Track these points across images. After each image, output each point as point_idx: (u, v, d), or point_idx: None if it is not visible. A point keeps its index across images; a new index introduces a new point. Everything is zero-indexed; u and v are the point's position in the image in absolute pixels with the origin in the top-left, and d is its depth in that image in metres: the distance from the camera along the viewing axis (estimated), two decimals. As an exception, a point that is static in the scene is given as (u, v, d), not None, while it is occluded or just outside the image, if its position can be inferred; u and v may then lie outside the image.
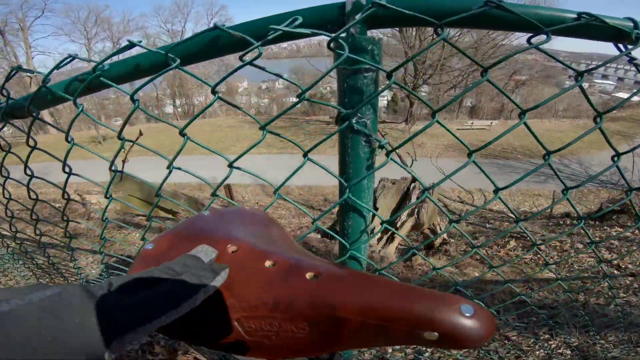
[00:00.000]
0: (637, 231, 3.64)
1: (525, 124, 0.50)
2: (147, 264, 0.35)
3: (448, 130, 0.50)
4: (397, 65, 0.48)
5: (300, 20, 0.42)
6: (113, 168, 0.60)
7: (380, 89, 0.47)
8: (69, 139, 0.64)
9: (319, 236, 4.10)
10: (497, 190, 0.56)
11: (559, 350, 1.87)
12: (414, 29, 17.79)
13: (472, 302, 0.26)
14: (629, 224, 4.07)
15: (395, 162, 0.52)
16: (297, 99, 0.47)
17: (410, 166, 4.18)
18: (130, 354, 1.63)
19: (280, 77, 0.50)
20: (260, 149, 15.74)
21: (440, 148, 14.84)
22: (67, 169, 0.65)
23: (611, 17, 0.42)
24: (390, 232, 3.47)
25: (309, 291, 0.29)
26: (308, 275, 0.30)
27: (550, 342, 1.97)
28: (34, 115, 0.68)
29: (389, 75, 0.45)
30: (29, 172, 0.72)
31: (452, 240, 3.70)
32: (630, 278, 2.72)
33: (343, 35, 0.45)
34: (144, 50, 0.54)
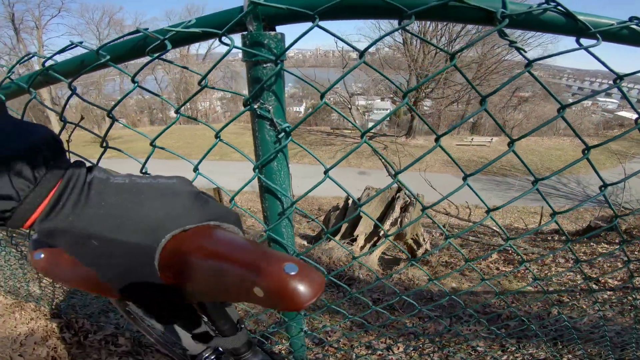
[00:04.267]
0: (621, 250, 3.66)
1: (514, 152, 0.56)
2: None
3: (448, 155, 0.57)
4: (285, 48, 0.53)
5: (193, 21, 0.49)
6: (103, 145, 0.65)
7: (273, 73, 0.52)
8: (63, 118, 0.70)
9: (304, 242, 4.13)
10: (489, 211, 0.62)
11: (524, 363, 1.88)
12: (419, 43, 18.03)
13: (299, 260, 0.26)
14: (616, 240, 4.09)
15: (297, 144, 0.57)
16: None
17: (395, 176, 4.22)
18: (92, 344, 1.65)
19: (187, 68, 0.56)
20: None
21: (439, 163, 14.89)
22: None
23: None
24: (373, 241, 3.50)
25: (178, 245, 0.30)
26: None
27: (516, 355, 1.97)
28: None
29: (276, 62, 0.51)
30: None
31: (434, 251, 3.73)
32: (609, 292, 2.74)
33: (245, 32, 0.51)
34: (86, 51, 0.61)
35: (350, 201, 3.70)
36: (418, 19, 0.46)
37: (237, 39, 0.53)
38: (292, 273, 0.25)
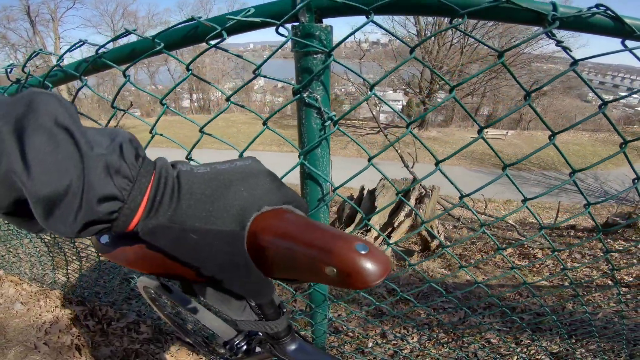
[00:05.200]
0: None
1: (555, 145, 0.56)
2: None
3: (490, 146, 0.57)
4: (338, 42, 0.55)
5: (252, 11, 0.51)
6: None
7: (325, 65, 0.55)
8: (114, 106, 0.74)
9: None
10: (525, 200, 0.64)
11: (537, 357, 1.88)
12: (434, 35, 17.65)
13: (368, 242, 0.27)
14: (634, 237, 4.03)
15: (343, 132, 0.60)
16: (253, 75, 0.56)
17: (412, 167, 4.23)
18: (115, 331, 1.69)
19: (240, 56, 0.59)
20: (271, 146, 15.91)
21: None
22: None
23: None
24: (387, 232, 3.52)
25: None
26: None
27: (530, 348, 1.98)
28: (48, 89, 0.79)
29: (329, 54, 0.53)
30: None
31: (449, 244, 3.73)
32: (624, 289, 2.71)
33: (297, 24, 0.54)
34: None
35: (365, 191, 3.71)
36: (470, 18, 0.47)
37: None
38: (363, 252, 0.26)
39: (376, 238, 3.71)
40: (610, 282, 2.85)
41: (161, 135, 0.73)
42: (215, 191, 0.28)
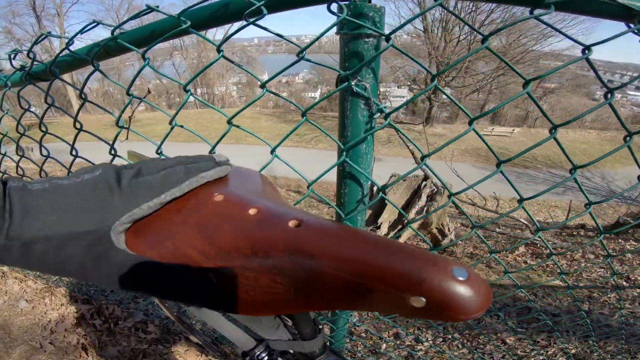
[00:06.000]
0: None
1: (555, 139, 0.50)
2: None
3: (481, 139, 0.52)
4: (396, 27, 0.49)
5: None
6: (120, 124, 0.64)
7: (380, 51, 0.48)
8: (77, 126, 0.68)
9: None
10: (521, 200, 0.57)
11: (555, 358, 1.85)
12: (440, 29, 17.45)
13: (466, 265, 0.23)
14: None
15: (396, 128, 0.53)
16: (297, 59, 0.49)
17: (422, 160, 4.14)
18: (123, 331, 1.65)
19: (281, 37, 0.52)
20: (275, 140, 15.78)
21: (458, 152, 14.57)
22: (73, 152, 0.70)
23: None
24: (397, 228, 3.46)
25: (289, 239, 0.27)
26: (290, 223, 0.28)
27: (547, 349, 1.94)
28: (55, 75, 0.73)
29: (387, 39, 0.46)
30: (44, 153, 0.78)
31: (459, 242, 3.67)
32: (638, 290, 2.65)
33: (346, 2, 0.47)
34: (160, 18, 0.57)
35: (374, 188, 3.65)
36: (557, 9, 0.42)
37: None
38: (461, 279, 0.22)
39: (386, 235, 3.65)
40: (624, 283, 2.80)
41: (181, 126, 0.67)
42: (55, 204, 0.27)
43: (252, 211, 0.30)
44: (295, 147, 14.76)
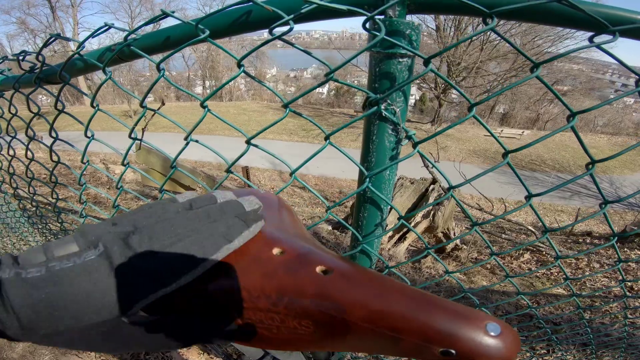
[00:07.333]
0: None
1: (572, 128, 0.46)
2: None
3: (479, 121, 0.48)
4: (437, 52, 0.45)
5: None
6: (133, 135, 0.61)
7: (415, 75, 0.45)
8: (94, 104, 0.65)
9: (329, 227, 4.10)
10: (529, 197, 0.53)
11: (553, 366, 1.84)
12: (453, 28, 17.22)
13: (499, 320, 0.24)
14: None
15: (423, 155, 0.50)
16: (325, 78, 0.46)
17: (431, 167, 4.09)
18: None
19: (309, 54, 0.49)
20: (282, 135, 15.84)
21: (465, 152, 14.45)
22: (89, 134, 0.67)
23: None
24: (402, 232, 3.43)
25: (318, 288, 0.26)
26: (318, 269, 0.27)
27: (546, 358, 1.92)
28: (65, 81, 0.69)
29: (426, 62, 0.43)
30: (53, 135, 0.74)
31: (464, 247, 3.62)
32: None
33: (381, 17, 0.43)
34: (175, 23, 0.53)
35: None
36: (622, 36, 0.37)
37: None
38: (494, 334, 0.22)
39: (390, 237, 3.62)
40: (628, 293, 2.76)
41: (196, 141, 0.63)
42: (59, 298, 0.23)
43: (276, 251, 0.29)
44: (301, 142, 14.73)
